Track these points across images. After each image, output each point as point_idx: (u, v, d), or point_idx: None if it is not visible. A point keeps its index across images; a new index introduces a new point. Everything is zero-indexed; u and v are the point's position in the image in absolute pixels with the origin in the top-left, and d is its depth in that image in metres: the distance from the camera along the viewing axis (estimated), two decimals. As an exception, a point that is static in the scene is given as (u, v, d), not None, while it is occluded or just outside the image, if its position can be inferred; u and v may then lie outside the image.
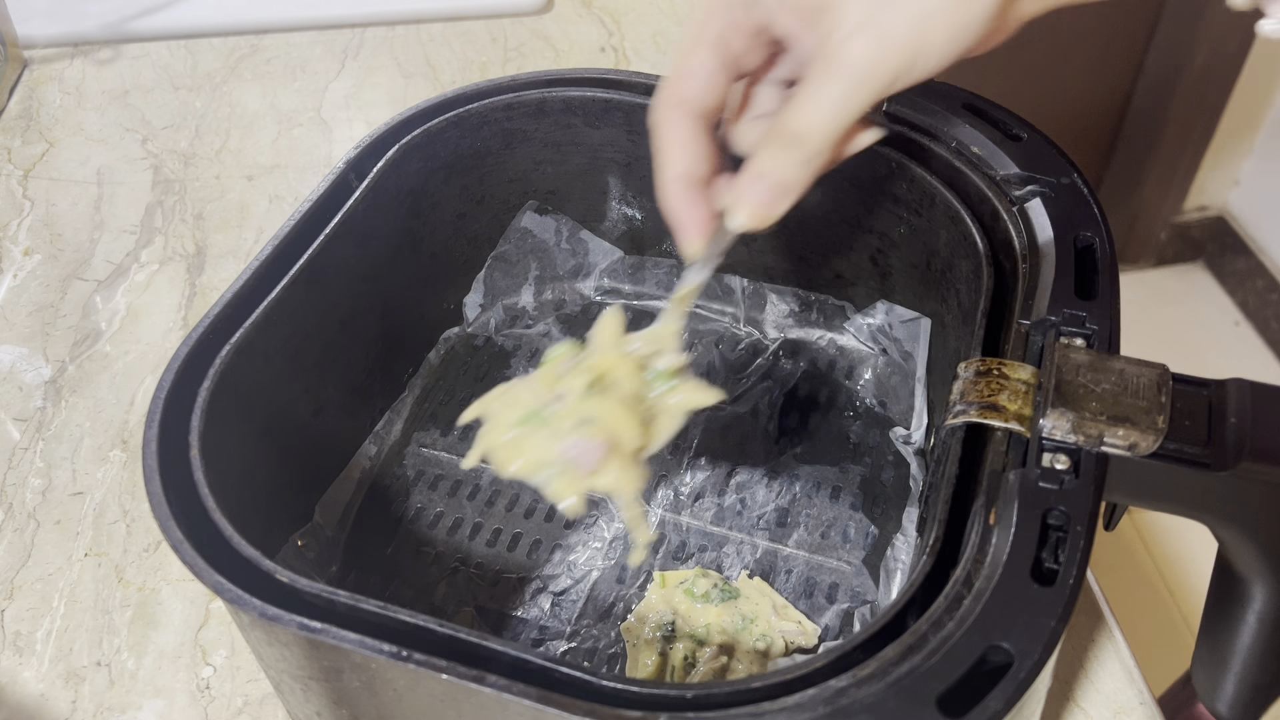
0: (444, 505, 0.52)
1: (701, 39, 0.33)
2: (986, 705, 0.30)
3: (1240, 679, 0.44)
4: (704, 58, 0.33)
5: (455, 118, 0.54)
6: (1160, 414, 0.36)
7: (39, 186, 0.74)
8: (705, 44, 0.33)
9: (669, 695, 0.31)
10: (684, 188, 0.35)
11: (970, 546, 0.35)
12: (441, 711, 0.34)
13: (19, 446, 0.57)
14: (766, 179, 0.33)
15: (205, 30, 0.88)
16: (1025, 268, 0.44)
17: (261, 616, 0.33)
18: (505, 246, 0.60)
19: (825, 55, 0.31)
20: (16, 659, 0.48)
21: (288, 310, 0.45)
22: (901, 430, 0.55)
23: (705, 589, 0.47)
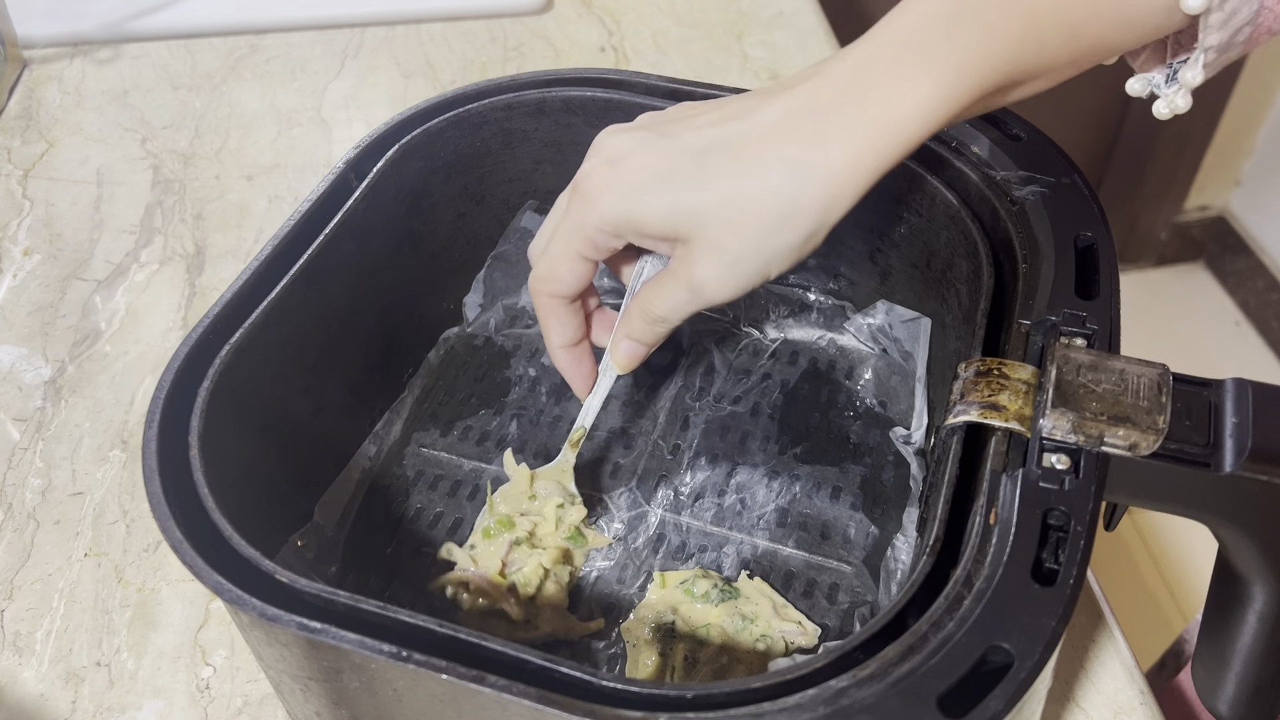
0: (444, 505, 0.52)
1: (573, 248, 0.41)
2: (987, 705, 0.30)
3: (1240, 679, 0.44)
4: (574, 268, 0.42)
5: (455, 118, 0.54)
6: (1160, 414, 0.36)
7: (39, 186, 0.74)
8: (577, 257, 0.41)
9: (669, 695, 0.31)
10: (565, 351, 0.46)
11: (970, 546, 0.35)
12: (441, 711, 0.34)
13: (19, 446, 0.57)
14: (631, 340, 0.44)
15: (205, 30, 0.88)
16: (1025, 268, 0.44)
17: (261, 616, 0.33)
18: (505, 246, 0.60)
19: (683, 269, 0.39)
20: (16, 659, 0.48)
21: (288, 310, 0.45)
22: (901, 430, 0.55)
23: (705, 589, 0.47)
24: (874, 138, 0.36)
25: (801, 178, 0.37)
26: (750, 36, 0.88)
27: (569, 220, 0.41)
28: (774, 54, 0.86)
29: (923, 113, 0.36)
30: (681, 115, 0.40)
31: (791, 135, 0.37)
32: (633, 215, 0.39)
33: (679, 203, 0.38)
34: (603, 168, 0.39)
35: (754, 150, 0.37)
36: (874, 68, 0.36)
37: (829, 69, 0.37)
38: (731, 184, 0.37)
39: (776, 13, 0.91)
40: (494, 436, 0.55)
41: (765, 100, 0.38)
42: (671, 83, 0.54)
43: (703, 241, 0.38)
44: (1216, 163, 1.75)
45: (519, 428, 0.56)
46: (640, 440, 0.55)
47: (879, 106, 0.36)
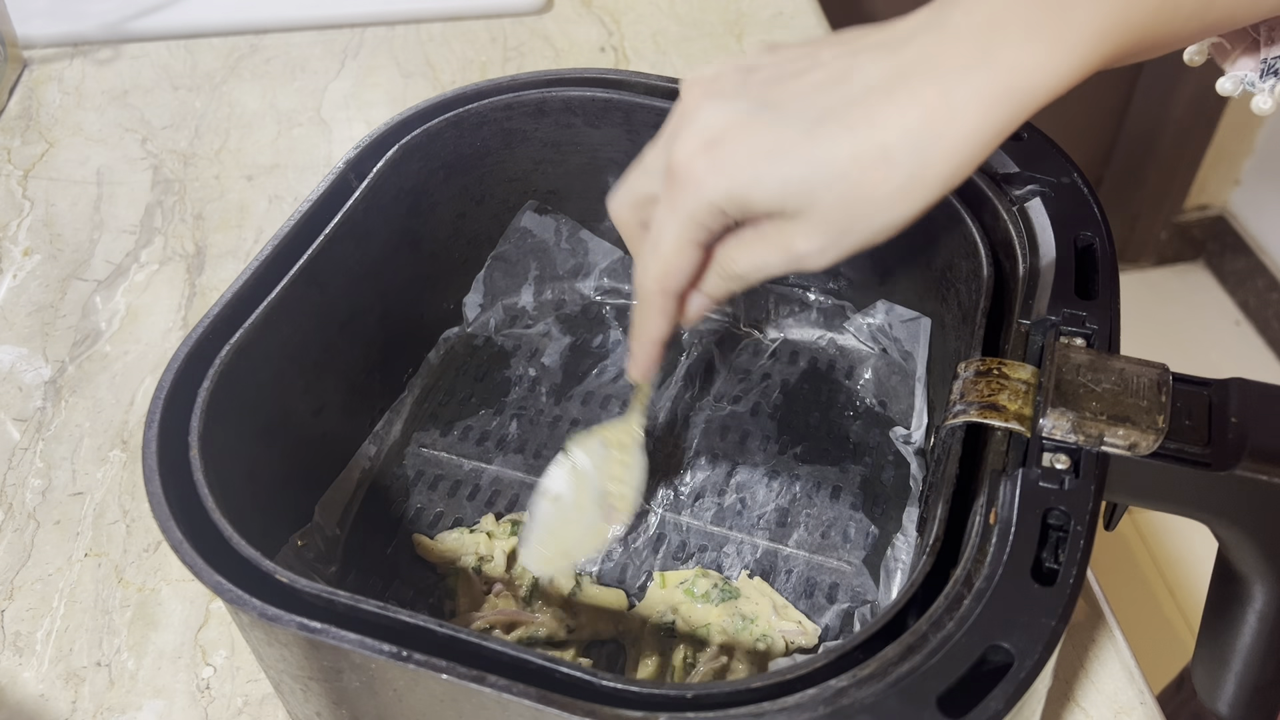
0: (444, 505, 0.52)
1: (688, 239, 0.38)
2: (987, 705, 0.30)
3: (1240, 679, 0.44)
4: (691, 258, 0.38)
5: (455, 118, 0.54)
6: (1160, 414, 0.36)
7: (39, 186, 0.74)
8: (691, 245, 0.38)
9: (669, 695, 0.31)
10: (656, 346, 0.43)
11: (970, 546, 0.35)
12: (441, 711, 0.34)
13: (19, 446, 0.57)
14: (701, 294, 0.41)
15: (205, 30, 0.88)
16: (1025, 267, 0.44)
17: (261, 616, 0.33)
18: (505, 246, 0.60)
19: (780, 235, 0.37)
20: (16, 659, 0.48)
21: (288, 310, 0.45)
22: (901, 430, 0.55)
23: (705, 589, 0.47)
24: (1006, 104, 0.33)
25: (926, 147, 0.33)
26: (750, 36, 0.88)
27: (675, 211, 0.37)
28: (774, 54, 0.86)
29: (1057, 78, 0.33)
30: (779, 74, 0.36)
31: (913, 99, 0.33)
32: (742, 196, 0.36)
33: (790, 179, 0.35)
34: (703, 150, 0.36)
35: (871, 116, 0.34)
36: (1007, 25, 0.33)
37: (948, 20, 0.34)
38: (847, 156, 0.34)
39: (776, 13, 0.91)
40: (494, 436, 0.55)
41: (877, 55, 0.35)
42: (671, 83, 0.54)
43: (812, 215, 0.35)
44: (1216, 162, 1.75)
45: (519, 428, 0.56)
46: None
47: (1014, 71, 0.33)
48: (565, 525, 0.48)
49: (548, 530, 0.47)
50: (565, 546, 0.47)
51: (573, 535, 0.47)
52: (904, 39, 0.34)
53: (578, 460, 0.49)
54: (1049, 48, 0.33)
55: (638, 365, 0.44)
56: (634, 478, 0.48)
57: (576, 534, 0.47)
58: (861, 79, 0.34)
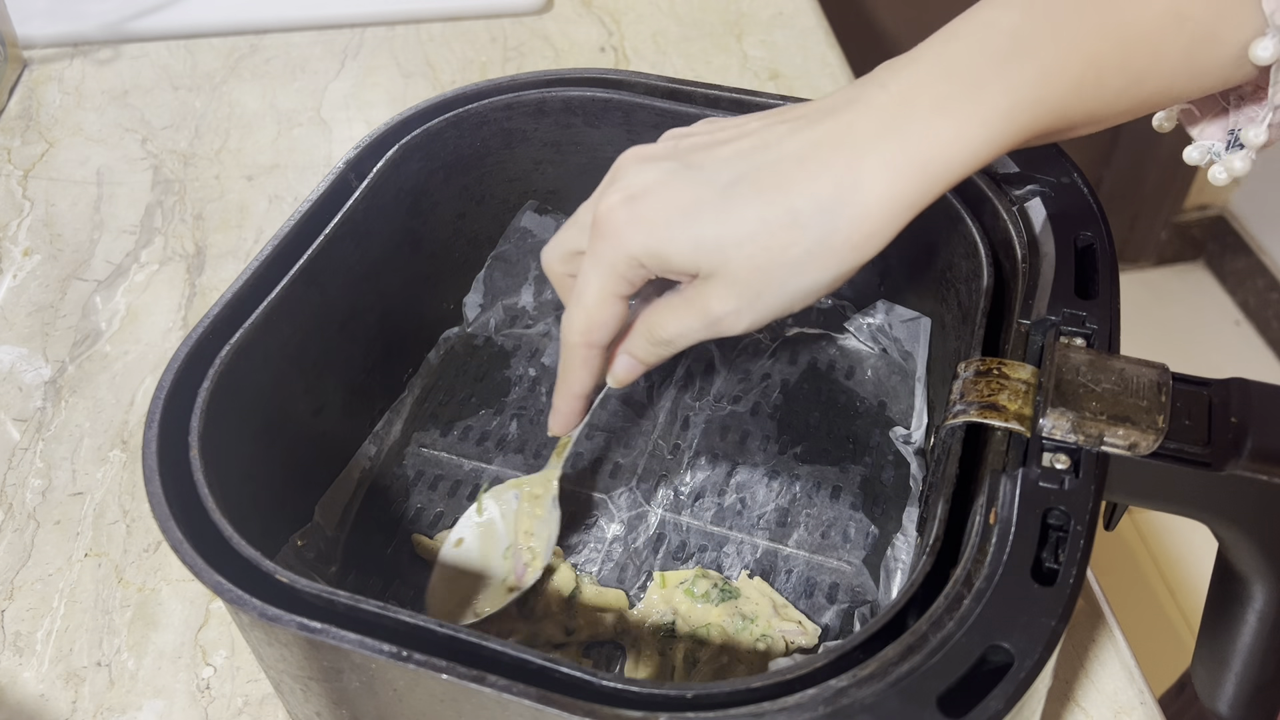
0: (444, 505, 0.52)
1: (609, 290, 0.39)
2: (987, 705, 0.30)
3: (1240, 679, 0.44)
4: (614, 310, 0.40)
5: (455, 118, 0.54)
6: (1160, 413, 0.36)
7: (39, 186, 0.74)
8: (612, 296, 0.39)
9: (669, 695, 0.31)
10: (578, 400, 0.44)
11: (970, 546, 0.35)
12: (441, 711, 0.34)
13: (19, 446, 0.57)
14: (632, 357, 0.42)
15: (205, 30, 0.88)
16: (1025, 267, 0.44)
17: (261, 617, 0.33)
18: (505, 246, 0.60)
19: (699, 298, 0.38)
20: (16, 659, 0.48)
21: (288, 310, 0.45)
22: (901, 430, 0.55)
23: (705, 589, 0.47)
24: (914, 176, 0.34)
25: (833, 214, 0.34)
26: (750, 36, 0.88)
27: (597, 262, 0.38)
28: (774, 54, 0.86)
29: (968, 153, 0.34)
30: (707, 141, 0.38)
31: (823, 168, 0.34)
32: (657, 251, 0.37)
33: (702, 238, 0.36)
34: (624, 204, 0.37)
35: (782, 182, 0.35)
36: (919, 100, 0.34)
37: (867, 96, 0.35)
38: (756, 218, 0.35)
39: (776, 13, 0.91)
40: (494, 436, 0.55)
41: (796, 126, 0.36)
42: (671, 83, 0.54)
43: (725, 277, 0.36)
44: (1216, 162, 1.75)
45: (519, 428, 0.56)
46: (640, 440, 0.55)
47: (922, 143, 0.34)
48: (468, 575, 0.47)
49: (450, 579, 0.47)
50: (467, 596, 0.47)
51: (476, 587, 0.47)
52: (825, 112, 0.36)
53: (489, 511, 0.49)
54: (958, 123, 0.33)
55: (559, 419, 0.45)
56: (546, 532, 0.48)
57: (480, 586, 0.47)
58: (779, 148, 0.36)
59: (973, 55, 0.34)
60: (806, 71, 0.84)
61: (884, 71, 0.35)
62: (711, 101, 0.53)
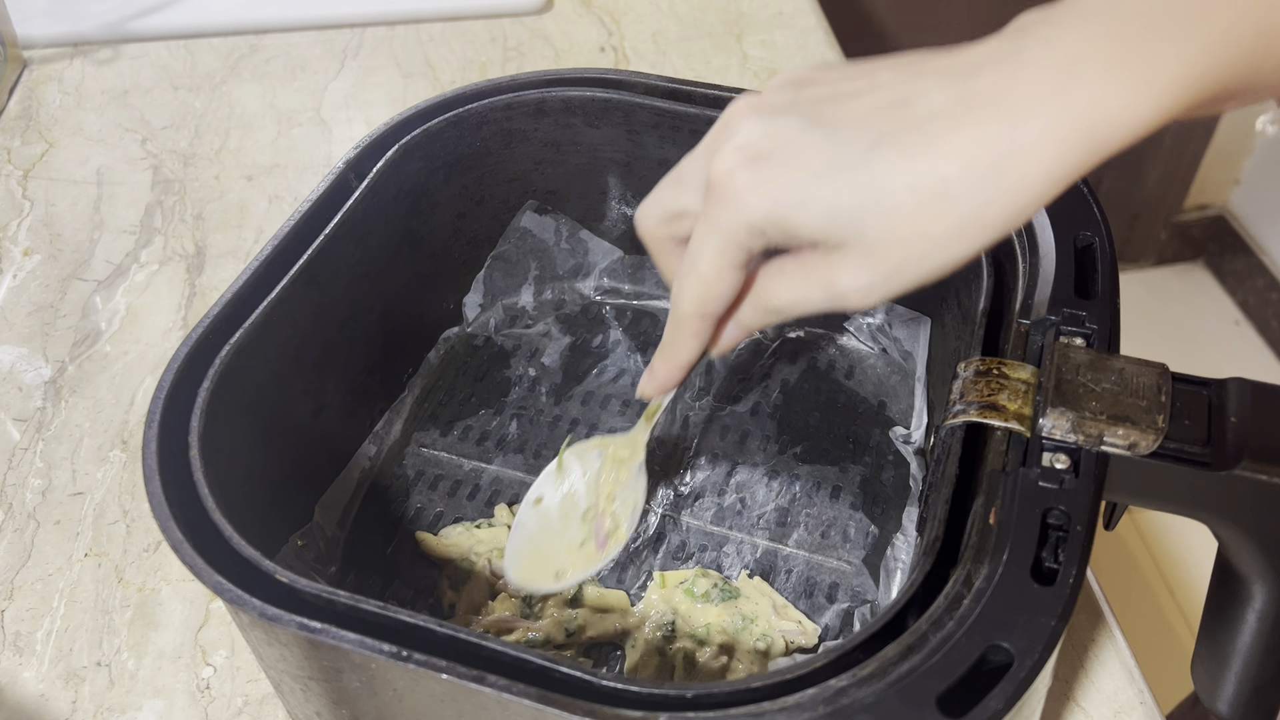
0: (444, 505, 0.52)
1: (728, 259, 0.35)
2: (987, 705, 0.30)
3: (1240, 679, 0.44)
4: (731, 281, 0.36)
5: (455, 118, 0.54)
6: (1160, 413, 0.36)
7: (39, 186, 0.74)
8: (731, 266, 0.35)
9: (669, 695, 0.31)
10: (683, 370, 0.40)
11: (970, 546, 0.35)
12: (441, 711, 0.34)
13: (19, 446, 0.57)
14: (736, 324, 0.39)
15: (205, 30, 0.88)
16: (1025, 267, 0.44)
17: (261, 616, 0.33)
18: (505, 246, 0.60)
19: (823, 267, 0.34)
20: (16, 659, 0.48)
21: (288, 310, 0.45)
22: (901, 430, 0.55)
23: (705, 589, 0.47)
24: (1079, 145, 0.31)
25: (989, 185, 0.31)
26: (750, 36, 0.88)
27: (714, 229, 0.35)
28: (774, 54, 0.86)
29: (1136, 122, 0.31)
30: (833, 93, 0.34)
31: (979, 132, 0.31)
32: (785, 218, 0.33)
33: (838, 206, 0.32)
34: (746, 165, 0.33)
35: (931, 146, 0.31)
36: (1087, 62, 0.30)
37: (1023, 51, 0.31)
38: (903, 187, 0.31)
39: (776, 13, 0.91)
40: (494, 436, 0.55)
41: (942, 82, 0.32)
42: (671, 83, 0.54)
43: (859, 248, 0.33)
44: (1216, 162, 1.75)
45: (519, 428, 0.56)
46: (640, 440, 0.55)
47: (1091, 111, 0.30)
48: (551, 539, 0.45)
49: (533, 543, 0.46)
50: (553, 564, 0.45)
51: (560, 552, 0.45)
52: (973, 67, 0.32)
53: (572, 469, 0.46)
54: (1131, 89, 0.31)
55: (657, 383, 0.41)
56: (632, 499, 0.45)
57: (564, 552, 0.45)
58: (924, 105, 0.32)
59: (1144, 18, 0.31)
60: (806, 71, 0.84)
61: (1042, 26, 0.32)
62: (711, 101, 0.53)
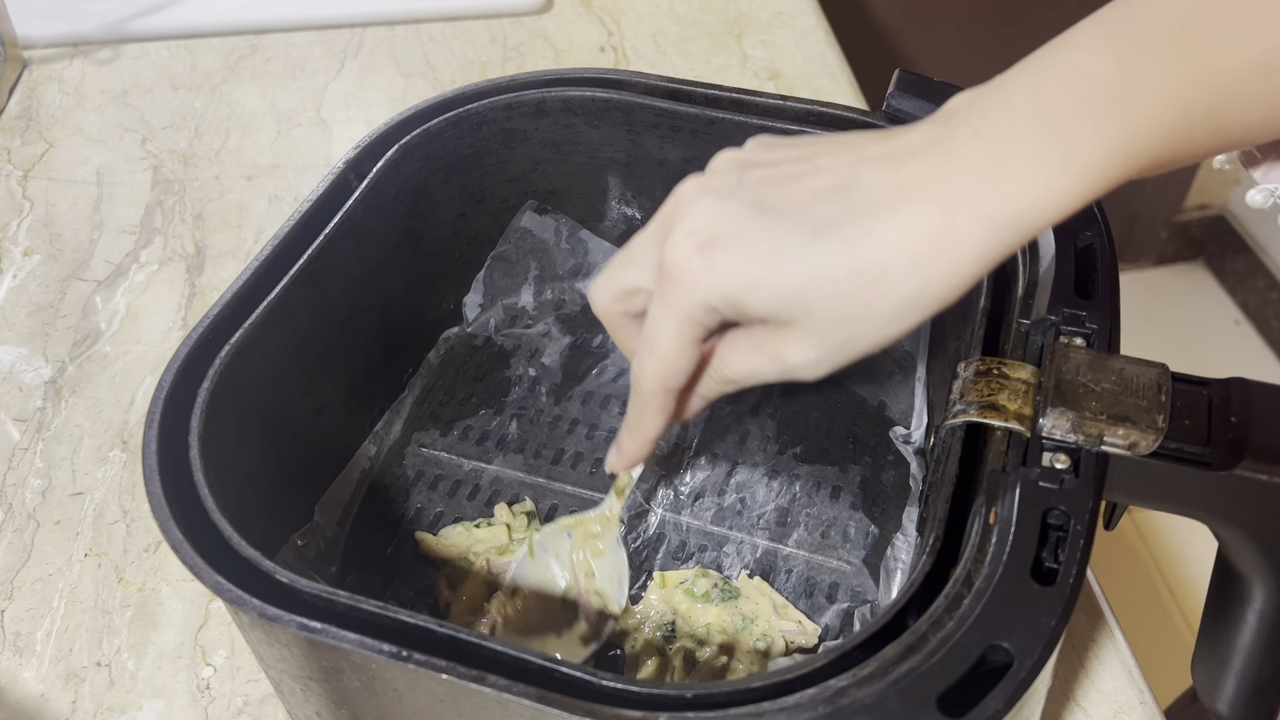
0: (444, 505, 0.52)
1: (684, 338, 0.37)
2: (987, 705, 0.30)
3: (1240, 679, 0.44)
4: (690, 356, 0.38)
5: (455, 118, 0.54)
6: (1160, 413, 0.36)
7: (38, 186, 0.74)
8: (688, 343, 0.37)
9: (669, 695, 0.31)
10: (650, 444, 0.43)
11: (970, 546, 0.35)
12: (441, 711, 0.34)
13: (19, 446, 0.57)
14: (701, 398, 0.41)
15: (205, 30, 0.88)
16: (1025, 267, 0.44)
17: (261, 616, 0.33)
18: (505, 246, 0.60)
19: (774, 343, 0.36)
20: (16, 659, 0.48)
21: (288, 310, 0.45)
22: (901, 430, 0.55)
23: (705, 589, 0.47)
24: (1008, 228, 0.33)
25: (926, 268, 0.33)
26: (750, 36, 0.88)
27: (670, 309, 0.36)
28: (774, 54, 0.86)
29: (1060, 206, 0.33)
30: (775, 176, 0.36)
31: (915, 219, 0.33)
32: (736, 299, 0.35)
33: (787, 288, 0.34)
34: (697, 251, 0.35)
35: (870, 233, 0.33)
36: (1016, 152, 0.33)
37: (958, 142, 0.33)
38: (844, 272, 0.33)
39: (776, 13, 0.91)
40: (494, 436, 0.55)
41: (879, 167, 0.34)
42: (671, 83, 0.54)
43: (807, 326, 0.35)
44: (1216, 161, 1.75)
45: (519, 428, 0.56)
46: (640, 440, 0.55)
47: (1019, 198, 0.32)
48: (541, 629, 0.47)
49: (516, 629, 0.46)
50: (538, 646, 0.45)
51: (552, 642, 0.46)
52: (909, 153, 0.34)
53: (542, 555, 0.48)
54: (1055, 177, 0.32)
55: (626, 458, 0.44)
56: (615, 574, 0.47)
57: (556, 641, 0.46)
58: (863, 191, 0.34)
59: (1067, 105, 0.33)
60: (806, 71, 0.84)
61: (973, 112, 0.34)
62: (711, 101, 0.53)
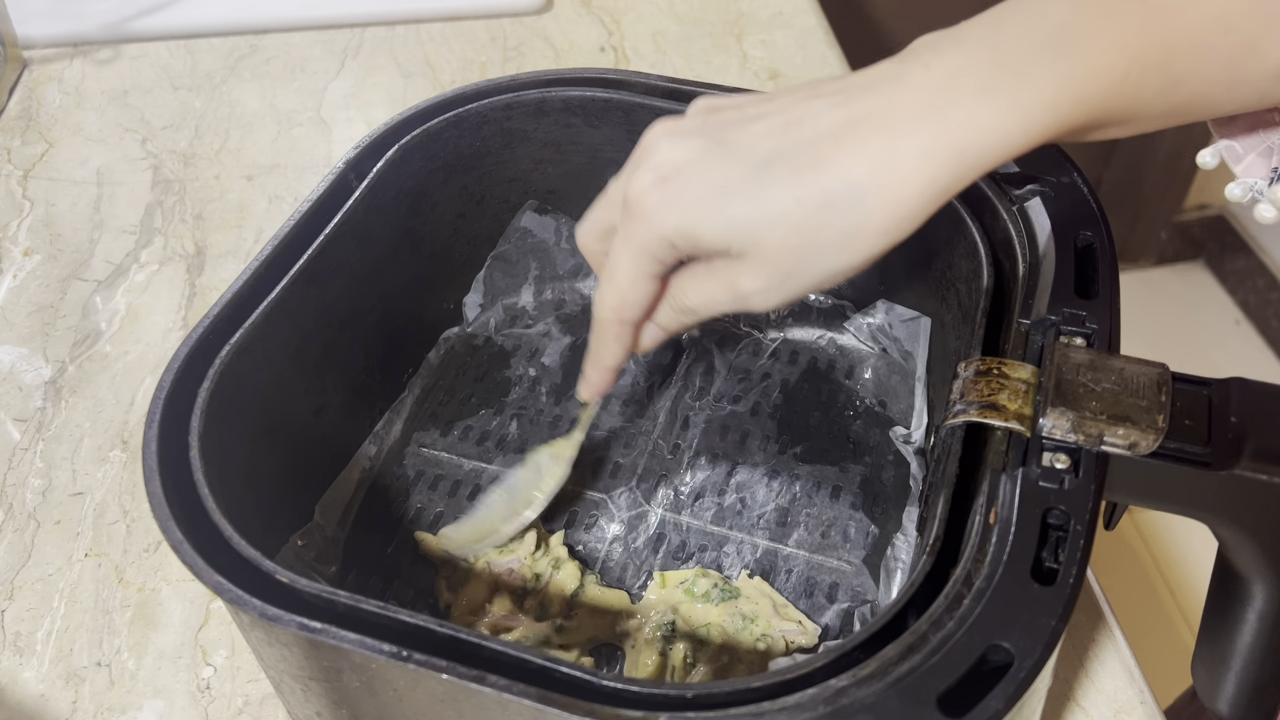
0: (444, 505, 0.52)
1: (641, 269, 0.39)
2: (987, 705, 0.30)
3: (1240, 678, 0.44)
4: (645, 289, 0.40)
5: (455, 118, 0.54)
6: (1160, 413, 0.36)
7: (39, 187, 0.74)
8: (645, 275, 0.39)
9: (669, 695, 0.31)
10: (610, 373, 0.44)
11: (970, 546, 0.35)
12: (441, 711, 0.34)
13: (19, 446, 0.57)
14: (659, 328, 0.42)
15: (205, 30, 0.88)
16: (1025, 267, 0.44)
17: (261, 616, 0.33)
18: (505, 246, 0.60)
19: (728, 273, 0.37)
20: (17, 659, 0.48)
21: (288, 310, 0.45)
22: (901, 430, 0.55)
23: (705, 589, 0.47)
24: (950, 162, 0.34)
25: (868, 198, 0.34)
26: (750, 36, 0.88)
27: (629, 243, 0.38)
28: (774, 54, 0.86)
29: (1006, 142, 0.33)
30: (738, 117, 0.37)
31: (859, 148, 0.34)
32: (689, 230, 0.36)
33: (735, 218, 0.36)
34: (656, 185, 0.37)
35: (817, 162, 0.34)
36: (962, 85, 0.33)
37: (909, 75, 0.34)
38: (790, 199, 0.35)
39: (776, 12, 0.91)
40: (494, 436, 0.55)
41: (833, 102, 0.35)
42: (671, 82, 0.54)
43: (756, 256, 0.36)
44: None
45: (519, 428, 0.56)
46: (640, 440, 0.55)
47: (962, 130, 0.33)
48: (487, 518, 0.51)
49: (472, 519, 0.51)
50: (476, 535, 0.50)
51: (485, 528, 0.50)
52: (861, 89, 0.35)
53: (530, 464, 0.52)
54: (1001, 111, 0.33)
55: (590, 387, 0.45)
56: (549, 488, 0.51)
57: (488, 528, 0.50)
58: (813, 125, 0.35)
59: (1019, 44, 0.33)
60: (806, 71, 0.84)
61: (926, 50, 0.35)
62: (711, 101, 0.53)
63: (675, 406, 0.56)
